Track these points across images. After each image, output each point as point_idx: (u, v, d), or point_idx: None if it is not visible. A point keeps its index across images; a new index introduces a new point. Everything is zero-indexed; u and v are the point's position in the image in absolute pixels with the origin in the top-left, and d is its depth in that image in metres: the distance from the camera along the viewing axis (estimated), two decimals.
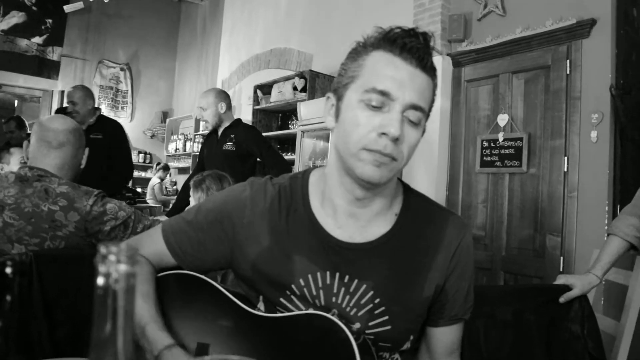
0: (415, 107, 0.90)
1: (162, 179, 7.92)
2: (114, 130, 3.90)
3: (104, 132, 3.76)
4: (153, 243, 1.06)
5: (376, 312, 0.97)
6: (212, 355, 0.93)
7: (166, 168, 8.05)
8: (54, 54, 8.20)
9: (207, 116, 3.37)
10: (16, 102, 9.25)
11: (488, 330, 1.45)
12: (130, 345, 0.44)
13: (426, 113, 0.93)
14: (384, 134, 0.88)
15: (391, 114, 0.88)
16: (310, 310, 0.96)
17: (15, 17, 7.81)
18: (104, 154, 3.58)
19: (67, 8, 7.82)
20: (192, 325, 0.99)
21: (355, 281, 0.97)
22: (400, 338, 1.00)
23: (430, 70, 0.92)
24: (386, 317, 0.97)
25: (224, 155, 3.34)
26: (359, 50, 0.95)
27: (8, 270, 0.56)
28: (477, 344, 1.42)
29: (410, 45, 0.89)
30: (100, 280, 0.42)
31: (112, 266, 0.42)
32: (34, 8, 7.96)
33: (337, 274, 0.97)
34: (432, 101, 0.95)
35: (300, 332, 0.91)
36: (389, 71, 0.89)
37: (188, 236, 1.04)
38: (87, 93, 3.80)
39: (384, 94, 0.88)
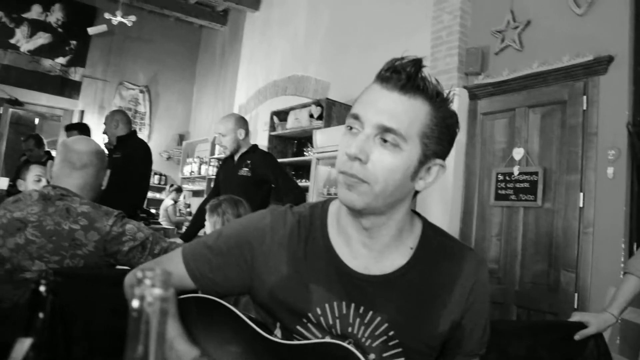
0: (385, 129, 0.88)
1: (175, 201, 7.97)
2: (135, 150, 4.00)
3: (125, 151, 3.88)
4: (173, 265, 1.07)
5: (390, 343, 0.97)
6: None
7: (179, 190, 8.11)
8: (76, 74, 8.40)
9: (225, 142, 3.40)
10: (37, 120, 9.43)
11: None
12: None
13: (404, 136, 0.88)
14: (347, 154, 0.89)
15: (358, 134, 0.90)
16: (328, 339, 0.97)
17: (42, 38, 8.04)
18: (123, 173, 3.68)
19: (91, 30, 8.02)
20: (211, 348, 1.00)
21: (370, 313, 0.97)
22: None
23: (416, 92, 0.89)
24: (400, 349, 0.97)
25: (240, 180, 3.37)
26: None
27: (42, 288, 0.58)
28: None
29: (388, 72, 0.90)
30: (134, 303, 0.44)
31: (147, 290, 0.44)
32: (59, 30, 8.19)
33: (353, 305, 0.98)
34: (430, 127, 0.91)
35: (317, 359, 0.92)
36: (366, 97, 0.93)
37: (208, 260, 1.06)
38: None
39: (355, 117, 0.91)
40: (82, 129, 5.27)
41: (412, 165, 0.92)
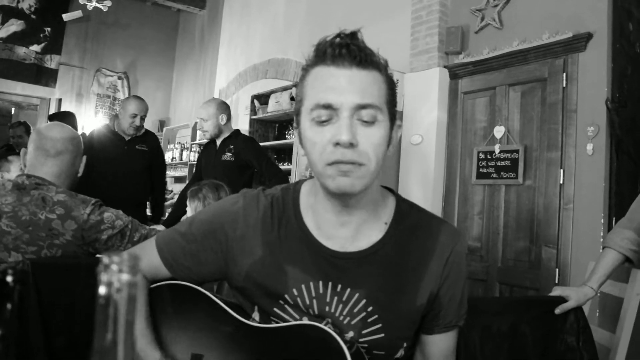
0: (363, 107, 0.89)
1: None
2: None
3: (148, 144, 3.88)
4: (147, 255, 1.06)
5: (369, 320, 0.97)
6: None
7: None
8: (52, 62, 8.21)
9: (207, 127, 3.38)
10: (13, 109, 9.25)
11: (484, 342, 1.45)
12: (132, 355, 0.44)
13: (380, 108, 0.91)
14: (337, 143, 0.87)
15: (339, 121, 0.88)
16: (304, 321, 0.97)
17: (14, 25, 7.83)
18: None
19: (66, 17, 7.84)
20: (186, 336, 0.99)
21: (348, 290, 0.97)
22: (394, 345, 1.00)
23: (370, 64, 0.91)
24: (379, 325, 0.97)
25: (222, 165, 3.35)
26: (302, 74, 0.96)
27: (9, 278, 0.56)
28: (474, 356, 1.43)
29: (339, 50, 0.89)
30: (102, 290, 0.43)
31: (114, 276, 0.43)
32: (32, 16, 7.98)
33: (330, 284, 0.98)
34: (389, 93, 0.94)
35: (293, 342, 0.92)
36: (326, 82, 0.90)
37: (181, 248, 1.05)
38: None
39: (327, 107, 0.88)
40: (65, 118, 5.02)
41: (387, 132, 0.93)
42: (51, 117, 4.66)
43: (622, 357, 1.76)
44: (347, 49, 0.89)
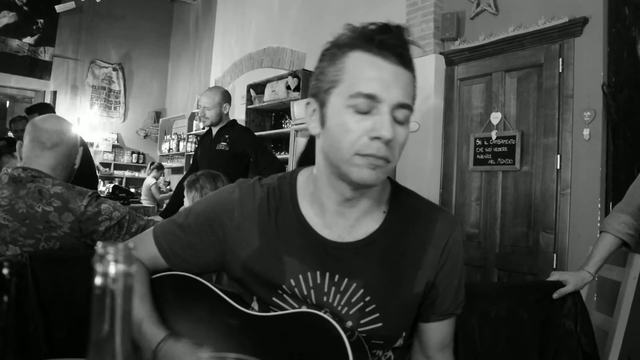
0: (402, 106, 0.89)
1: (156, 179, 7.88)
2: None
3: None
4: (145, 246, 1.06)
5: (367, 309, 0.97)
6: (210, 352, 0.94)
7: (160, 167, 8.01)
8: (45, 54, 8.16)
9: (209, 115, 3.36)
10: (7, 102, 9.19)
11: (482, 327, 1.46)
12: (129, 345, 0.44)
13: (412, 109, 0.92)
14: (376, 137, 0.87)
15: (380, 116, 0.87)
16: (303, 309, 0.97)
17: (6, 17, 7.76)
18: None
19: (59, 8, 7.77)
20: (186, 326, 0.99)
21: (346, 280, 0.97)
22: (392, 335, 1.00)
23: (410, 65, 0.91)
24: (377, 315, 0.97)
25: (218, 154, 3.34)
26: (335, 52, 0.92)
27: (5, 271, 0.56)
28: (472, 341, 1.43)
29: (388, 42, 0.87)
30: (98, 280, 0.43)
31: (110, 266, 0.43)
32: (25, 8, 7.91)
33: (327, 274, 0.97)
34: (415, 95, 0.94)
35: (293, 330, 0.92)
36: (372, 72, 0.88)
37: (179, 239, 1.05)
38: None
39: (370, 97, 0.87)
40: (43, 111, 4.73)
41: (409, 130, 0.94)
42: (28, 110, 4.46)
43: (619, 340, 1.77)
44: (396, 45, 0.88)
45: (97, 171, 4.35)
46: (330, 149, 0.93)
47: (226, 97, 3.41)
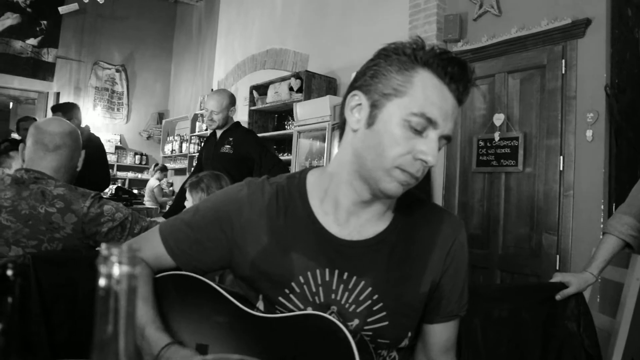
0: (447, 138, 0.93)
1: (160, 180, 7.88)
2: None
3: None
4: (151, 245, 1.06)
5: (374, 308, 0.97)
6: (212, 355, 0.94)
7: (164, 169, 8.02)
8: (49, 55, 8.18)
9: (217, 118, 3.37)
10: (11, 104, 9.22)
11: (485, 329, 1.46)
12: (132, 347, 0.44)
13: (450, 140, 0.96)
14: (422, 160, 0.90)
15: (429, 142, 0.89)
16: (309, 310, 0.97)
17: (10, 19, 7.80)
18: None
19: (62, 9, 7.80)
20: (191, 326, 0.99)
21: (354, 278, 0.98)
22: (398, 334, 1.01)
23: (462, 103, 0.95)
24: (384, 313, 0.97)
25: (221, 157, 3.35)
26: (405, 62, 0.92)
27: (9, 272, 0.56)
28: (475, 342, 1.43)
29: (458, 77, 0.90)
30: (101, 282, 0.43)
31: (114, 267, 0.43)
32: (28, 10, 7.94)
33: (336, 271, 0.98)
34: None
35: (298, 332, 0.92)
36: (438, 99, 0.89)
37: (186, 236, 1.04)
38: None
39: (430, 121, 0.89)
40: (69, 109, 4.67)
41: None
42: (54, 109, 4.54)
43: (622, 342, 1.77)
44: (462, 82, 0.91)
45: (109, 174, 4.32)
46: (369, 152, 0.93)
47: (233, 100, 3.43)
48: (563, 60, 3.29)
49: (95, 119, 8.62)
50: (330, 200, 1.01)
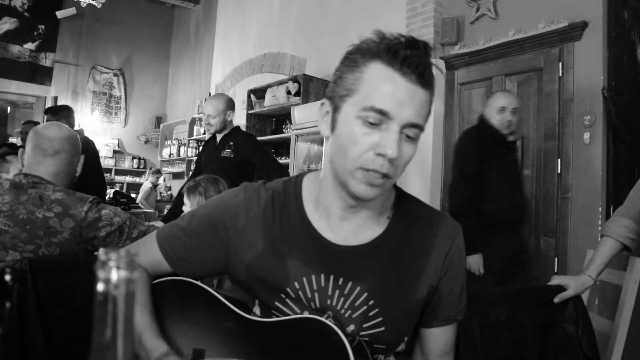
0: (413, 125, 0.88)
1: (154, 184, 7.84)
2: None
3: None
4: (148, 250, 1.06)
5: (370, 313, 0.97)
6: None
7: (157, 172, 8.01)
8: (46, 60, 8.19)
9: (214, 122, 3.38)
10: (9, 108, 9.21)
11: (483, 331, 1.46)
12: (131, 352, 0.44)
13: (423, 128, 0.91)
14: (381, 154, 0.86)
15: (389, 133, 0.86)
16: (305, 314, 0.97)
17: (7, 24, 7.80)
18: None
19: (60, 14, 7.81)
20: (188, 331, 0.99)
21: (350, 283, 0.97)
22: (395, 339, 1.00)
23: (429, 84, 0.89)
24: (380, 319, 0.97)
25: (222, 161, 3.35)
26: (357, 60, 0.91)
27: (7, 277, 0.56)
28: (473, 344, 1.43)
29: (411, 59, 0.86)
30: (100, 287, 0.43)
31: (112, 272, 0.43)
32: (25, 14, 7.94)
33: (332, 277, 0.98)
34: (429, 114, 0.93)
35: (294, 336, 0.92)
36: (388, 88, 0.86)
37: (182, 242, 1.05)
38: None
39: (382, 113, 0.86)
40: (61, 112, 4.56)
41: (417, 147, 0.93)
42: (47, 111, 4.50)
43: (621, 344, 1.77)
44: (418, 64, 0.86)
45: (104, 179, 4.29)
46: (336, 157, 0.93)
47: (230, 105, 3.43)
48: (560, 63, 3.30)
49: (93, 123, 8.62)
50: (322, 207, 1.01)
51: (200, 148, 4.04)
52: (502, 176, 2.87)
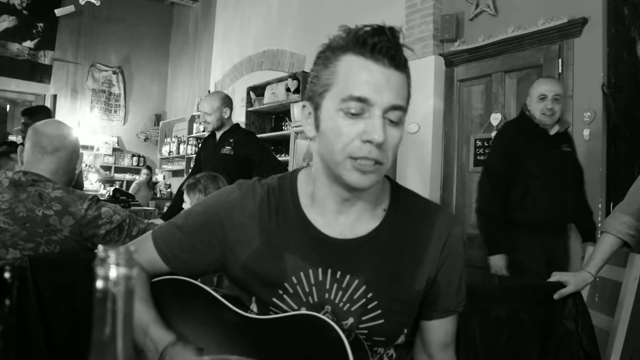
0: (394, 108, 0.90)
1: (147, 175, 7.88)
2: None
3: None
4: (144, 250, 1.06)
5: (369, 306, 0.97)
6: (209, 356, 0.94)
7: (147, 168, 8.05)
8: (45, 58, 8.17)
9: (210, 120, 3.37)
10: (8, 106, 9.20)
11: (483, 328, 1.46)
12: (130, 348, 0.44)
13: (405, 110, 0.93)
14: (368, 141, 0.87)
15: (372, 119, 0.88)
16: (302, 311, 0.97)
17: (6, 22, 7.78)
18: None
19: (58, 12, 7.79)
20: (186, 330, 0.99)
21: (348, 277, 0.98)
22: (394, 332, 1.01)
23: (403, 66, 0.91)
24: (379, 312, 0.97)
25: (221, 158, 3.35)
26: (329, 56, 0.94)
27: (7, 275, 0.56)
28: (473, 341, 1.43)
29: (380, 45, 0.88)
30: (99, 284, 0.43)
31: (111, 269, 0.43)
32: (24, 12, 7.92)
33: (329, 270, 0.98)
34: (409, 96, 0.95)
35: (292, 332, 0.92)
36: (364, 76, 0.88)
37: (178, 241, 1.05)
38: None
39: (361, 100, 0.88)
40: (39, 113, 4.33)
41: (403, 132, 0.95)
42: (24, 113, 4.26)
43: (620, 340, 1.77)
44: (389, 48, 0.88)
45: (82, 179, 4.06)
46: (325, 152, 0.94)
47: (226, 102, 3.42)
48: (560, 60, 3.30)
49: (93, 121, 8.61)
50: (317, 202, 1.01)
51: (199, 145, 4.03)
52: (541, 172, 2.63)
